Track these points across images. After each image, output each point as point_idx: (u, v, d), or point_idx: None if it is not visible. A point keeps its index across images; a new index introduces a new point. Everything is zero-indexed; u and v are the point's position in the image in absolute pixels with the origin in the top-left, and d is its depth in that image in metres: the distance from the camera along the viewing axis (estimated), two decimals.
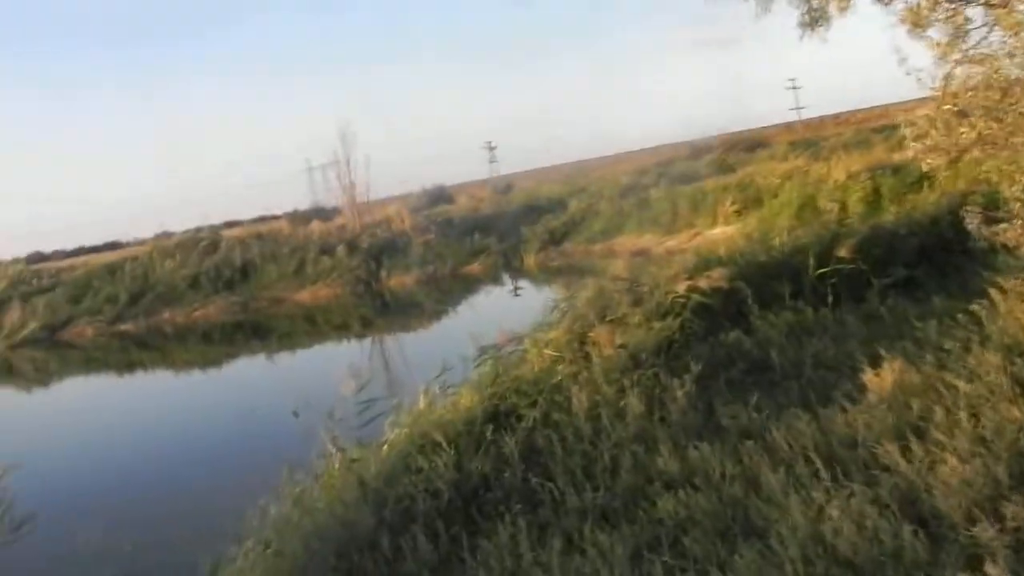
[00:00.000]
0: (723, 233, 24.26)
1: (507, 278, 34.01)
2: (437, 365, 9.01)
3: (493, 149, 75.09)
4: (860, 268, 9.73)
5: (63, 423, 20.74)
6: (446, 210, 47.19)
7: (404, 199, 52.45)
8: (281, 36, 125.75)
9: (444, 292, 32.98)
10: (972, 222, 7.34)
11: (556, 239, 35.53)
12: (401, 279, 35.79)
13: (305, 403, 7.69)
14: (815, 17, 8.68)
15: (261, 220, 57.06)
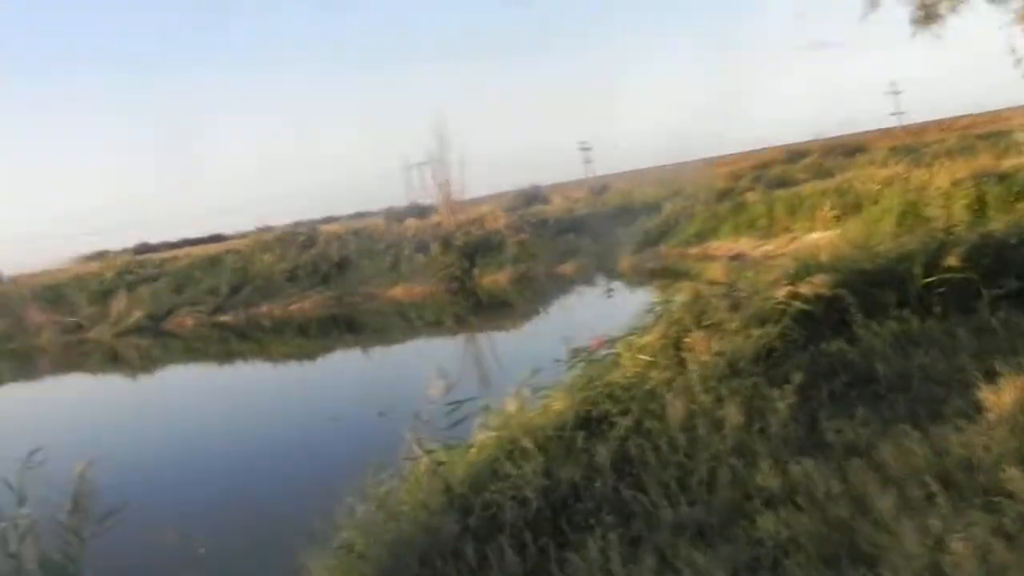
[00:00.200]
0: (821, 238, 23.58)
1: (600, 279, 33.69)
2: (528, 366, 8.80)
3: (588, 150, 74.72)
4: (969, 278, 9.19)
5: (158, 411, 21.23)
6: (541, 210, 46.98)
7: (499, 198, 52.58)
8: (382, 32, 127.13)
9: (537, 292, 32.87)
10: None
11: (650, 241, 35.04)
12: (494, 278, 35.80)
13: (392, 402, 7.61)
14: (928, 14, 8.24)
15: (358, 216, 57.87)
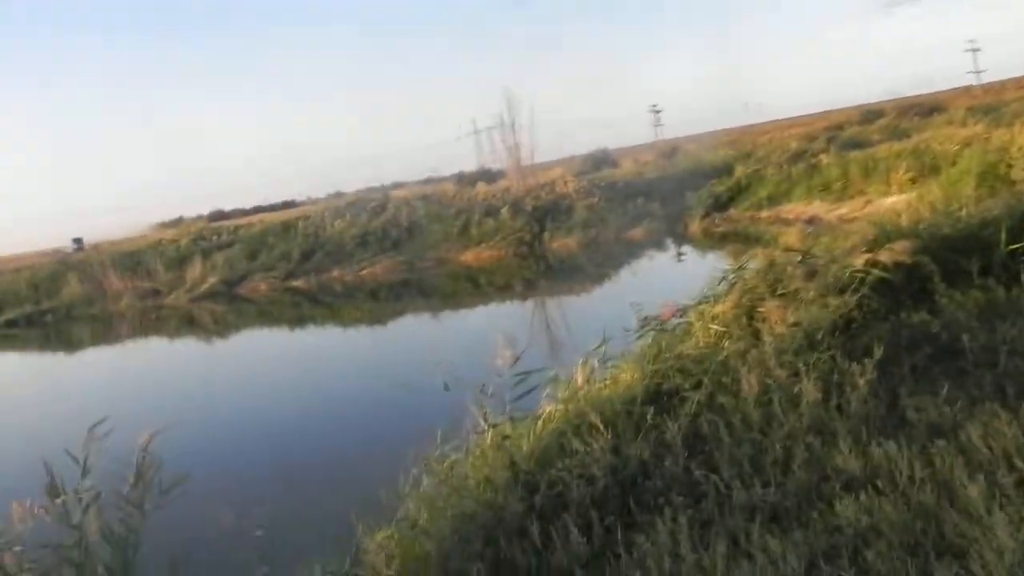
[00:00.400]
0: (897, 202, 22.90)
1: (670, 244, 33.28)
2: (596, 333, 8.65)
3: (659, 112, 73.89)
4: None
5: (228, 376, 21.61)
6: (610, 174, 46.70)
7: (568, 162, 52.41)
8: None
9: (606, 256, 32.60)
10: None
11: (721, 205, 34.58)
12: (564, 242, 35.62)
13: (459, 371, 7.50)
14: None
15: (428, 182, 58.14)
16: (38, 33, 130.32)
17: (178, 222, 61.59)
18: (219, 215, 66.08)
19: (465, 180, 50.26)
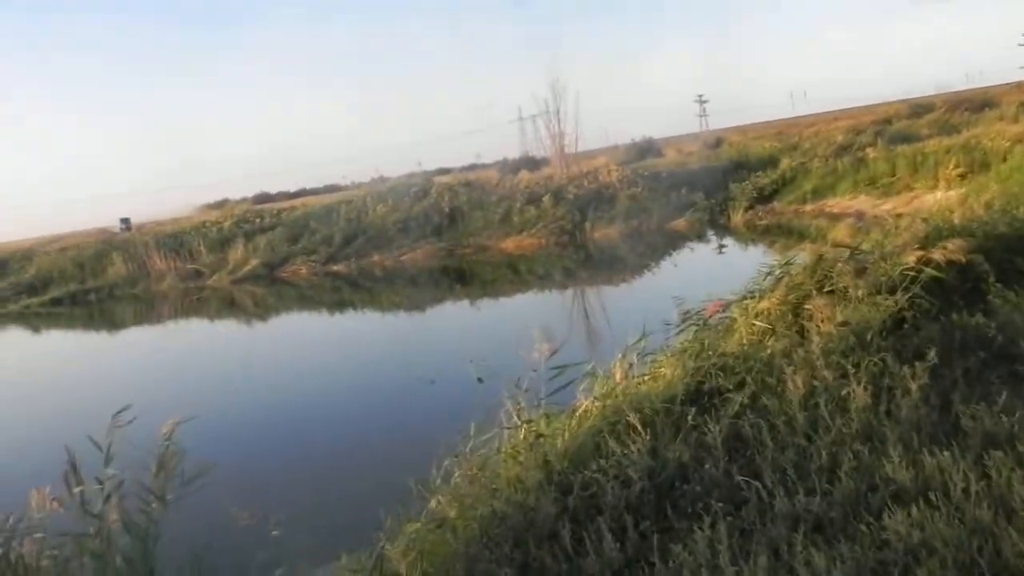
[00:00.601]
0: (944, 197, 22.42)
1: (712, 235, 32.86)
2: (636, 325, 8.43)
3: (704, 103, 73.23)
4: None
5: (264, 360, 21.58)
6: (654, 163, 46.31)
7: (612, 151, 52.09)
8: None
9: (648, 247, 32.29)
10: None
11: (765, 197, 34.21)
12: (605, 231, 35.37)
13: (494, 362, 7.35)
14: None
15: (471, 168, 58.13)
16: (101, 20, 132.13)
17: (223, 204, 61.95)
18: (264, 197, 66.55)
19: (508, 167, 50.12)
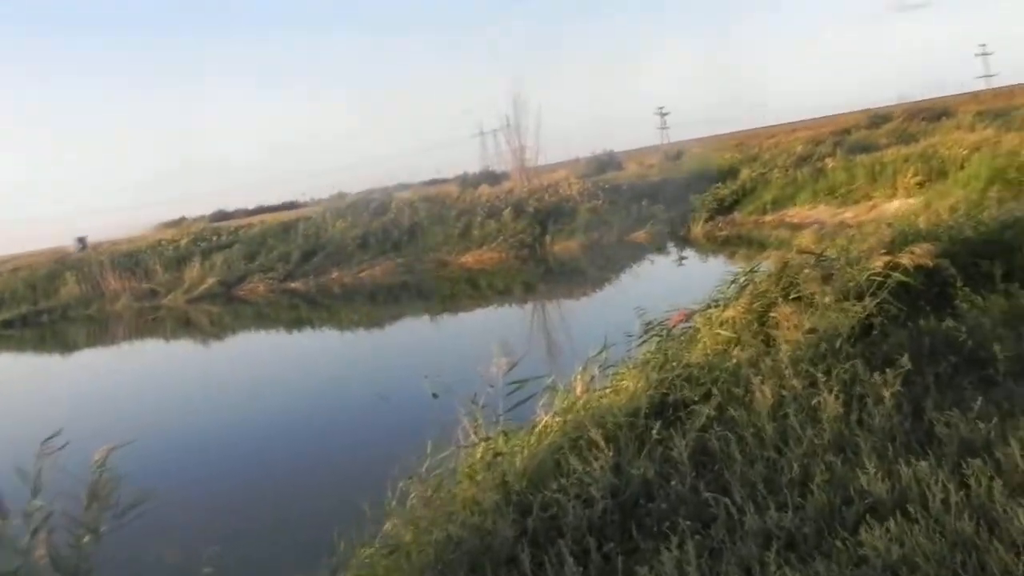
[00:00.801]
0: (902, 206, 22.57)
1: (673, 247, 32.86)
2: (597, 338, 8.23)
3: (665, 115, 73.61)
4: None
5: (216, 381, 21.18)
6: (615, 176, 46.37)
7: (573, 164, 52.09)
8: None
9: (608, 259, 32.31)
10: None
11: (725, 208, 34.31)
12: (566, 244, 35.34)
13: (450, 378, 7.08)
14: None
15: (432, 183, 57.79)
16: (42, 32, 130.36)
17: (180, 222, 61.01)
18: (221, 215, 65.57)
19: (469, 182, 49.85)
